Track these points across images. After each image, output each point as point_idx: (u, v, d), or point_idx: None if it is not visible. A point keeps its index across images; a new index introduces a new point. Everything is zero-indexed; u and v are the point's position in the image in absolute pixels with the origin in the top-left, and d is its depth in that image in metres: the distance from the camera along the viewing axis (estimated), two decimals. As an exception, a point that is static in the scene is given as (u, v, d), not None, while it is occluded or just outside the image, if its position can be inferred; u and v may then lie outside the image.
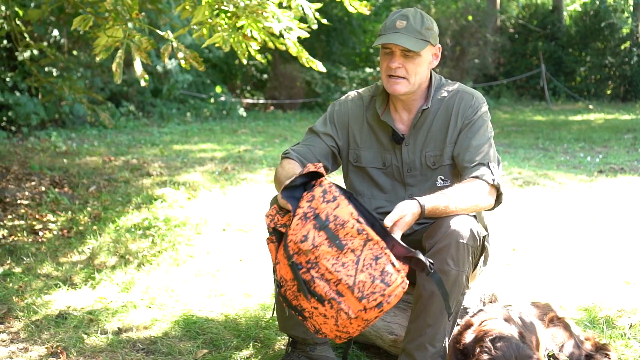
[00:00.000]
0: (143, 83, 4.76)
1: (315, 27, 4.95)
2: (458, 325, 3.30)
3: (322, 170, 2.89)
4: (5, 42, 12.51)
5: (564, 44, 24.63)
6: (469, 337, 3.15)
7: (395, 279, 2.68)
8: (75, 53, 14.32)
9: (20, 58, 9.30)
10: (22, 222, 6.07)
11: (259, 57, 5.20)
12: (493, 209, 3.27)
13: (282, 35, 4.87)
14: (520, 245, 5.40)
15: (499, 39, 25.17)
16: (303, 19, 5.06)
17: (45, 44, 12.15)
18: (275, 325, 3.98)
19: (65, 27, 12.89)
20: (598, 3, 14.83)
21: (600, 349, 3.36)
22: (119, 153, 9.98)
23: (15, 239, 5.64)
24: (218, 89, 18.51)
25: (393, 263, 2.70)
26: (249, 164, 8.95)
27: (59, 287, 4.64)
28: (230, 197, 7.03)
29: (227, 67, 20.62)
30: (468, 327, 3.22)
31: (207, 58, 19.05)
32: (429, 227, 3.12)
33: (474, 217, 3.20)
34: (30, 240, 5.62)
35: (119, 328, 3.98)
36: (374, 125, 3.41)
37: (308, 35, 4.88)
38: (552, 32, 24.96)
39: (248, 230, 5.91)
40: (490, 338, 3.04)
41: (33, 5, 9.32)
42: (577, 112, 20.09)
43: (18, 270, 4.99)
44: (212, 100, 17.95)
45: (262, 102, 20.50)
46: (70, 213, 6.37)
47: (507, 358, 2.97)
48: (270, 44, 5.05)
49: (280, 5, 5.03)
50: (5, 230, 5.83)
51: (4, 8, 6.61)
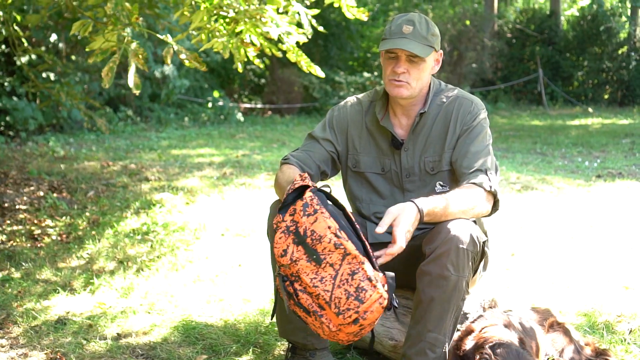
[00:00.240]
0: (135, 90, 4.76)
1: (310, 36, 4.95)
2: (458, 331, 3.31)
3: (307, 182, 2.89)
4: (4, 47, 12.51)
5: (562, 49, 24.68)
6: (469, 343, 3.15)
7: (370, 296, 2.66)
8: (74, 58, 14.31)
9: (19, 63, 9.28)
10: (20, 227, 6.06)
11: (257, 61, 5.21)
12: (489, 216, 3.28)
13: (280, 41, 4.87)
14: (519, 250, 5.40)
15: (497, 44, 25.22)
16: (299, 25, 5.06)
17: (43, 49, 12.12)
18: (275, 331, 3.97)
19: (64, 31, 12.89)
20: (595, 7, 14.86)
21: (601, 354, 3.36)
22: (117, 158, 9.98)
23: (14, 244, 5.64)
24: (216, 94, 18.52)
25: (370, 278, 2.68)
26: (247, 169, 8.94)
27: (58, 292, 4.63)
28: (229, 202, 7.02)
29: (224, 71, 20.61)
30: (469, 333, 3.22)
31: (204, 62, 19.03)
32: (429, 232, 3.12)
33: (474, 222, 3.20)
34: (29, 246, 5.62)
35: (118, 334, 3.98)
36: (373, 131, 3.42)
37: (307, 40, 4.88)
38: (549, 36, 25.02)
39: (247, 235, 5.91)
40: (490, 345, 3.04)
41: (32, 11, 9.33)
42: (574, 116, 20.12)
43: (17, 276, 4.98)
44: (209, 105, 17.95)
45: (259, 106, 20.50)
46: (69, 218, 6.37)
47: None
48: (267, 50, 5.06)
49: (278, 12, 5.04)
50: (4, 236, 5.83)
51: (2, 13, 6.61)
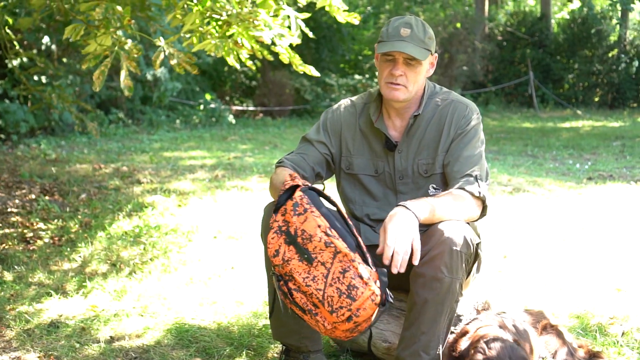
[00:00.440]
0: (127, 93, 4.77)
1: (299, 40, 4.95)
2: (453, 334, 3.31)
3: (298, 181, 2.91)
4: (-5, 50, 12.47)
5: (552, 52, 24.75)
6: (465, 344, 3.16)
7: (362, 293, 2.68)
8: (65, 60, 14.28)
9: (10, 66, 9.26)
10: (12, 230, 6.05)
11: (250, 63, 5.21)
12: (477, 221, 3.30)
13: (274, 43, 4.87)
14: (511, 253, 5.42)
15: (488, 47, 25.27)
16: (289, 28, 5.06)
17: (35, 52, 12.11)
18: (268, 333, 3.97)
19: (56, 34, 12.86)
20: (586, 10, 14.91)
21: (594, 357, 3.37)
22: (109, 160, 9.96)
23: (6, 247, 5.62)
24: (208, 97, 18.50)
25: (361, 275, 2.70)
26: (240, 171, 8.94)
27: (51, 295, 4.62)
28: (221, 204, 7.02)
29: (216, 73, 20.61)
30: (464, 334, 3.23)
31: (196, 65, 19.02)
32: (422, 234, 3.13)
33: (467, 224, 3.21)
34: (21, 249, 5.60)
35: (111, 337, 3.97)
36: (367, 133, 3.43)
37: (299, 42, 4.89)
38: (540, 39, 25.08)
39: (239, 238, 5.91)
40: (485, 340, 3.06)
41: (24, 14, 9.30)
42: (565, 119, 20.19)
43: (9, 279, 4.96)
44: (201, 108, 17.94)
45: (251, 109, 20.50)
46: (61, 221, 6.36)
47: (501, 358, 2.99)
48: (259, 54, 5.06)
49: (269, 15, 5.04)
50: (-4, 239, 5.82)
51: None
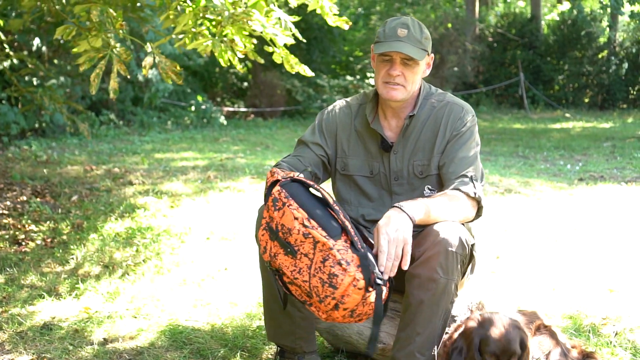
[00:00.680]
0: (112, 95, 4.77)
1: (293, 40, 4.96)
2: (447, 333, 3.31)
3: (277, 177, 2.96)
4: (-15, 52, 12.43)
5: (542, 53, 24.81)
6: (458, 336, 3.18)
7: (342, 280, 2.69)
8: (56, 62, 14.24)
9: (1, 67, 9.24)
10: (4, 232, 6.03)
11: (240, 67, 5.21)
12: (472, 221, 3.31)
13: (268, 43, 4.87)
14: (504, 253, 5.43)
15: (478, 48, 25.32)
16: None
17: (26, 53, 12.07)
18: (262, 335, 3.97)
19: (46, 35, 12.83)
20: (576, 12, 14.96)
21: (587, 357, 3.37)
22: (100, 162, 9.94)
23: (-2, 249, 5.61)
24: (199, 98, 18.49)
25: (340, 262, 2.70)
26: (232, 172, 8.93)
27: (44, 297, 4.61)
28: (214, 205, 7.01)
29: (207, 74, 20.59)
30: (458, 329, 3.24)
31: (187, 66, 19.02)
32: (417, 235, 3.13)
33: (462, 224, 3.22)
34: (13, 251, 5.58)
35: (105, 339, 3.96)
36: (363, 133, 3.43)
37: (294, 42, 4.89)
38: (530, 40, 25.14)
39: (232, 239, 5.90)
40: (479, 312, 3.14)
41: (14, 15, 9.28)
42: (555, 120, 20.25)
43: (1, 281, 4.95)
44: (192, 109, 17.92)
45: (242, 110, 20.49)
46: (53, 223, 6.34)
47: (494, 322, 3.04)
48: (251, 55, 5.06)
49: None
50: (-12, 241, 5.80)
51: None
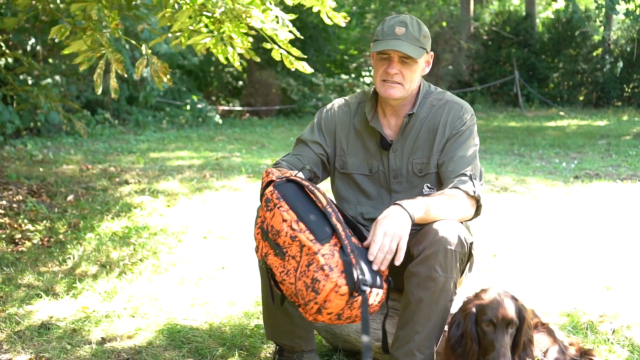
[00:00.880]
0: (114, 95, 4.78)
1: (292, 35, 4.96)
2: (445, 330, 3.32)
3: (271, 177, 2.95)
4: (-20, 51, 12.41)
5: (537, 51, 24.86)
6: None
7: (324, 286, 2.66)
8: (51, 61, 14.22)
9: (-4, 66, 9.25)
10: (0, 231, 6.01)
11: (237, 64, 5.21)
12: (471, 220, 3.31)
13: (271, 38, 4.88)
14: (501, 251, 5.44)
15: (473, 46, 25.36)
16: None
17: (21, 52, 12.06)
18: (260, 334, 3.97)
19: (41, 35, 12.81)
20: (571, 11, 14.95)
21: (585, 354, 3.38)
22: (96, 161, 9.93)
23: (-6, 249, 5.60)
24: (194, 97, 18.48)
25: (322, 267, 2.68)
26: (228, 171, 8.93)
27: (41, 297, 4.60)
28: (210, 204, 7.01)
29: (202, 73, 20.59)
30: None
31: (182, 65, 19.02)
32: (416, 233, 3.13)
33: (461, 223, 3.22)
34: (10, 250, 5.57)
35: (103, 338, 3.96)
36: (362, 131, 3.43)
37: (293, 37, 4.90)
38: (525, 38, 25.19)
39: (229, 238, 5.90)
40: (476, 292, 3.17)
41: (9, 14, 9.26)
42: (550, 118, 20.28)
43: (-2, 280, 4.95)
44: (188, 108, 17.92)
45: (238, 109, 20.48)
46: (49, 222, 6.33)
47: (489, 293, 3.09)
48: (246, 54, 5.06)
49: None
50: (-16, 240, 5.79)
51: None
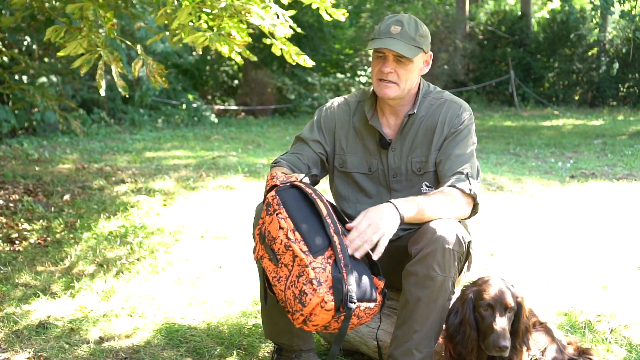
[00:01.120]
0: (123, 92, 4.79)
1: (291, 31, 4.97)
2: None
3: (275, 181, 2.96)
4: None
5: (533, 50, 24.89)
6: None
7: (310, 300, 2.69)
8: (47, 60, 14.21)
9: (-8, 65, 9.24)
10: (-3, 230, 6.02)
11: (239, 59, 5.21)
12: (468, 218, 3.32)
13: (266, 35, 4.88)
14: (498, 251, 5.44)
15: (468, 45, 25.38)
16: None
17: (17, 51, 12.04)
18: (259, 333, 3.98)
19: (36, 34, 12.80)
20: (567, 10, 15.03)
21: (583, 354, 3.39)
22: (92, 160, 9.91)
23: (-9, 248, 5.59)
24: (190, 96, 18.47)
25: (311, 281, 2.70)
26: (224, 170, 8.92)
27: (38, 296, 4.59)
28: (207, 203, 7.00)
29: (198, 72, 20.57)
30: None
31: (177, 64, 19.00)
32: (414, 232, 3.14)
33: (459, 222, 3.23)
34: (7, 249, 5.56)
35: (101, 337, 3.96)
36: (361, 130, 3.43)
37: (292, 32, 4.90)
38: (520, 38, 25.21)
39: (226, 237, 5.90)
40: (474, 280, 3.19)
41: (5, 13, 9.25)
42: (546, 117, 20.31)
43: (-5, 280, 4.94)
44: (183, 107, 17.91)
45: (233, 108, 20.47)
46: (46, 221, 6.32)
47: (486, 279, 3.11)
48: (244, 53, 5.06)
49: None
50: (-19, 239, 5.78)
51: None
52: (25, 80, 12.67)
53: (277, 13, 5.06)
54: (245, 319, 4.22)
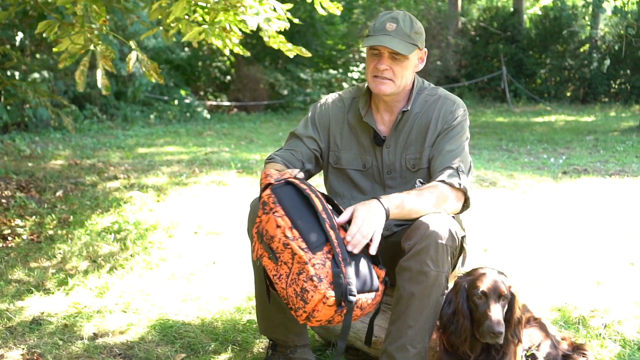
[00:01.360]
0: (105, 92, 4.76)
1: (288, 24, 4.97)
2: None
3: (270, 180, 2.96)
4: (-32, 45, 12.35)
5: (525, 47, 24.93)
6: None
7: (312, 297, 2.70)
8: (39, 56, 14.16)
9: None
10: (-11, 227, 6.00)
11: (237, 50, 5.21)
12: (460, 213, 3.32)
13: (260, 29, 4.88)
14: (491, 246, 5.46)
15: (461, 41, 25.40)
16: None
17: (9, 47, 11.99)
18: (253, 328, 3.98)
19: (29, 30, 12.76)
20: (560, 4, 15.04)
21: (577, 349, 3.40)
22: (85, 156, 9.89)
23: (-16, 244, 5.57)
24: (182, 92, 18.44)
25: (312, 278, 2.71)
26: (217, 166, 8.91)
27: (32, 292, 4.59)
28: (200, 199, 7.00)
29: (190, 68, 20.53)
30: None
31: (169, 60, 18.96)
32: (407, 228, 3.14)
33: (452, 217, 3.23)
34: (0, 246, 5.55)
35: (95, 333, 3.95)
36: (356, 127, 3.43)
37: (288, 25, 4.90)
38: (512, 34, 25.24)
39: (220, 233, 5.89)
40: (467, 271, 3.19)
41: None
42: (538, 113, 20.35)
43: (-12, 276, 4.92)
44: (176, 103, 17.88)
45: (226, 104, 20.44)
46: (39, 217, 6.30)
47: (480, 270, 3.11)
48: (233, 47, 5.06)
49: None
50: (-27, 236, 5.76)
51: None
52: (18, 76, 12.62)
53: (274, 6, 5.04)
54: (240, 315, 4.22)
